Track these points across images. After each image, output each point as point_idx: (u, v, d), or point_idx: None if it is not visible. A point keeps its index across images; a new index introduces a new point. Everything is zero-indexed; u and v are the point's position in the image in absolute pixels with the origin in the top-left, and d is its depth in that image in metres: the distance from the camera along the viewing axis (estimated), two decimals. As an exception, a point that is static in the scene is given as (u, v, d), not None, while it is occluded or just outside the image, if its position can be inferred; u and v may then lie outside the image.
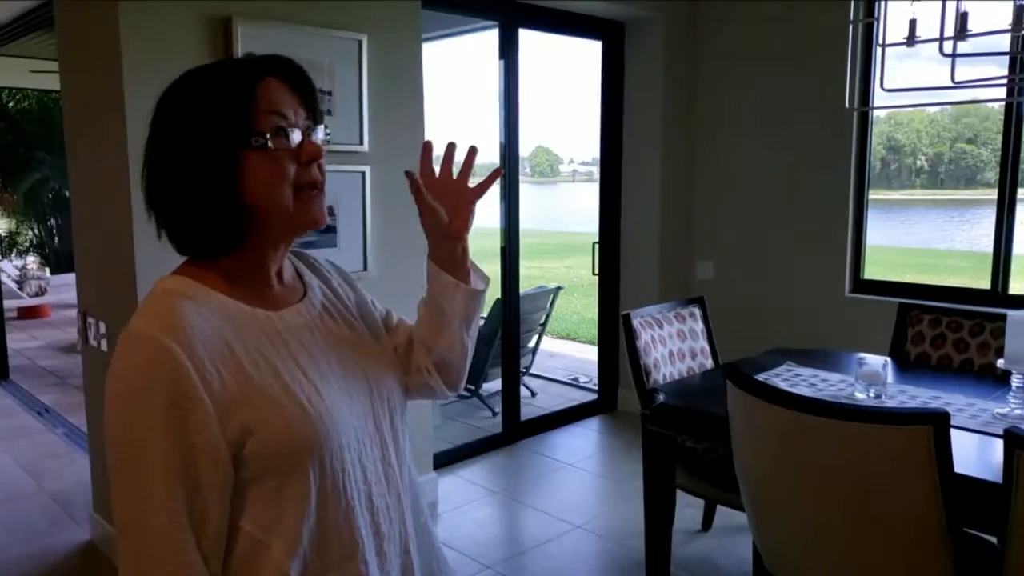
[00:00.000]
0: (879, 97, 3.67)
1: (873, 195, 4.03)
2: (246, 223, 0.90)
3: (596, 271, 4.59)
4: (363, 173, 2.98)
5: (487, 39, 4.22)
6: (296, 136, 0.90)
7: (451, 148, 1.05)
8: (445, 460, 3.80)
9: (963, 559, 1.66)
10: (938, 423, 1.57)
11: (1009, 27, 2.26)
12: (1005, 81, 2.81)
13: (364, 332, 1.07)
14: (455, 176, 1.05)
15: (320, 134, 0.94)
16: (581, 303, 9.20)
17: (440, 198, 1.03)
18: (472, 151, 1.06)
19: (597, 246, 4.56)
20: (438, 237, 1.05)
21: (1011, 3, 2.23)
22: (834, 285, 3.98)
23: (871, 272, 4.00)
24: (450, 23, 4.72)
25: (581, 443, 4.27)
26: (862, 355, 2.39)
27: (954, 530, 1.62)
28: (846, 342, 3.50)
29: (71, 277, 3.37)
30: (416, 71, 3.19)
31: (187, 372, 0.81)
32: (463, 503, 3.45)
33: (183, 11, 2.51)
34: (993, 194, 3.54)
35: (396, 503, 1.01)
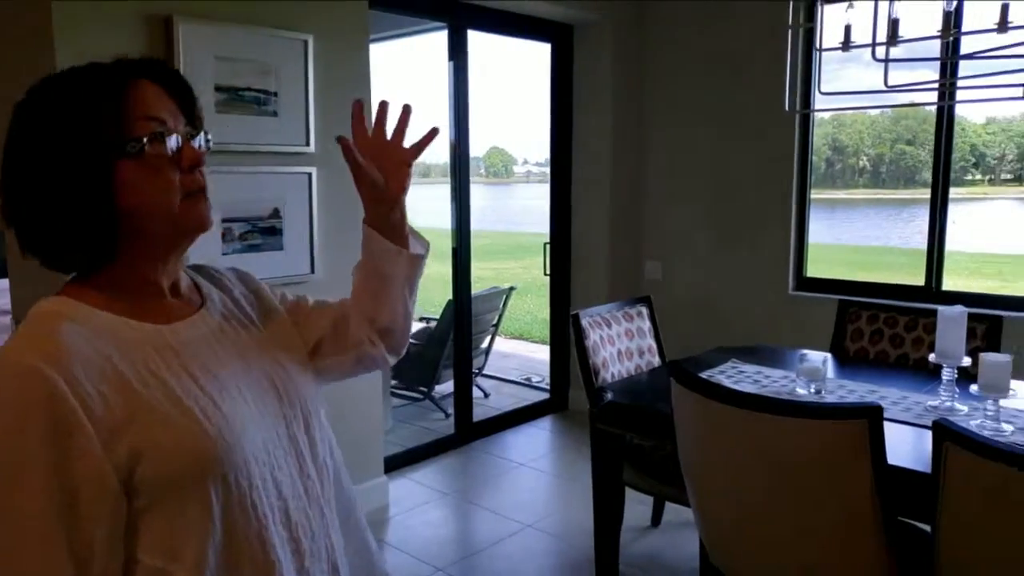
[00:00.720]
0: (820, 100, 3.77)
1: (819, 194, 4.14)
2: (121, 235, 0.85)
3: (547, 271, 4.62)
4: (309, 175, 2.94)
5: (436, 40, 4.22)
6: (173, 142, 0.86)
7: (383, 107, 1.00)
8: (397, 463, 3.78)
9: (897, 546, 1.72)
10: (872, 417, 1.62)
11: (938, 33, 2.34)
12: (936, 85, 2.91)
13: (268, 340, 1.01)
14: (389, 138, 1.01)
15: (200, 140, 0.90)
16: (535, 303, 9.23)
17: (375, 160, 0.99)
18: (406, 110, 1.02)
19: (548, 247, 4.59)
20: (374, 202, 1.03)
21: (941, 9, 2.31)
22: (778, 283, 4.07)
23: (815, 270, 4.11)
24: (399, 24, 4.70)
25: (533, 443, 4.29)
26: (804, 351, 2.45)
27: (889, 519, 1.68)
28: (790, 339, 3.58)
29: (4, 283, 3.25)
30: (363, 72, 3.16)
31: (63, 397, 0.76)
32: (415, 506, 3.43)
33: (120, 10, 2.44)
34: (928, 193, 3.67)
35: (319, 516, 0.95)
